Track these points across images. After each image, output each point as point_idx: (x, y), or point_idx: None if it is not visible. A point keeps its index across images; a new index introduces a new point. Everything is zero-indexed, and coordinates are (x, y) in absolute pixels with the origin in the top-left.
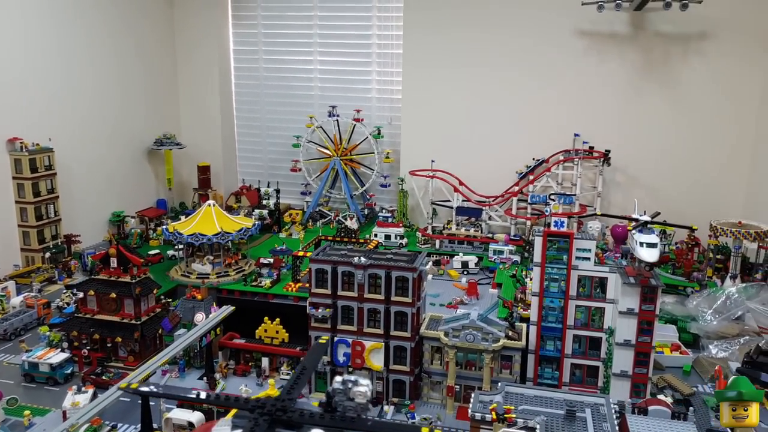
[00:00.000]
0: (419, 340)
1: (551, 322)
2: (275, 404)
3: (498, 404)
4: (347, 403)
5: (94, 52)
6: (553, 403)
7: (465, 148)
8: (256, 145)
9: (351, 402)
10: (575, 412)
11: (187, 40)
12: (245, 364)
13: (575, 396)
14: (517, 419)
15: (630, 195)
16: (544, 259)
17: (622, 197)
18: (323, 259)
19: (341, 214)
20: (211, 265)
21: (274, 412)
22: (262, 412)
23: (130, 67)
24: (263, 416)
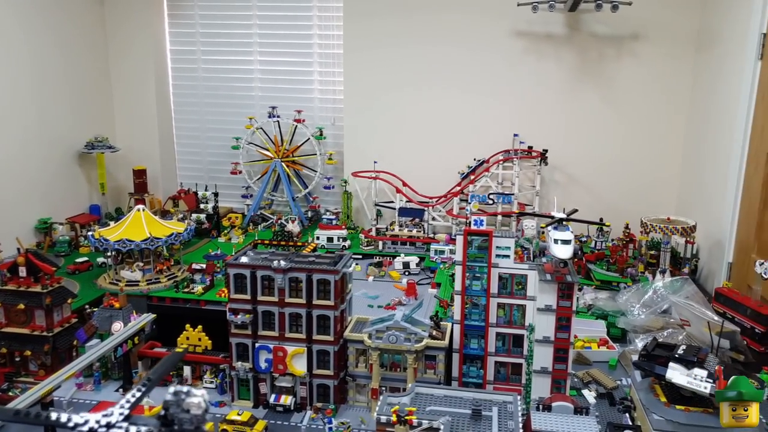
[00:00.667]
0: (343, 344)
1: (475, 321)
2: (99, 421)
3: (401, 406)
4: (182, 415)
5: (12, 49)
6: (462, 403)
7: (408, 149)
8: (196, 147)
9: (187, 414)
10: (481, 411)
11: (120, 39)
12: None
13: (485, 395)
14: (420, 420)
15: (568, 193)
16: (465, 257)
17: (561, 195)
18: (241, 264)
19: (283, 217)
20: (141, 272)
21: (95, 430)
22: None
23: (56, 66)
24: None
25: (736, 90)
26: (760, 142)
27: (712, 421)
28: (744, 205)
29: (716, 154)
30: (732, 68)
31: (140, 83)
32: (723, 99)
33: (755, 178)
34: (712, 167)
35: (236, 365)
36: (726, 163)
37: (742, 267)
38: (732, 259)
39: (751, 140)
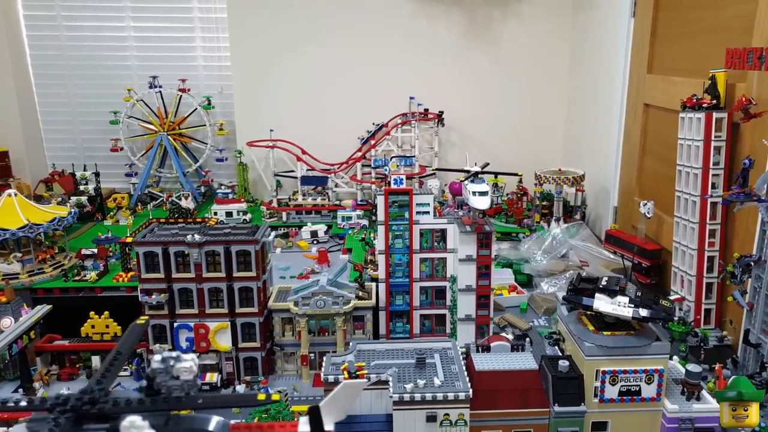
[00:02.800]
0: (268, 314)
1: (399, 278)
2: (80, 398)
3: (350, 363)
4: (171, 382)
5: None
6: (404, 354)
7: (304, 117)
8: (67, 125)
9: (176, 381)
10: (425, 359)
11: None
12: (72, 366)
13: (424, 344)
14: (369, 375)
15: (463, 152)
16: (387, 216)
17: (457, 155)
18: (151, 241)
19: (174, 195)
20: (20, 263)
21: (79, 407)
22: (63, 410)
23: None
24: (65, 414)
25: (612, 45)
26: (637, 95)
27: (634, 341)
28: (625, 153)
29: (598, 107)
30: (608, 25)
31: None
32: (601, 55)
33: (634, 127)
34: (595, 119)
35: (153, 348)
36: (607, 115)
37: (626, 210)
38: (617, 203)
39: (628, 93)
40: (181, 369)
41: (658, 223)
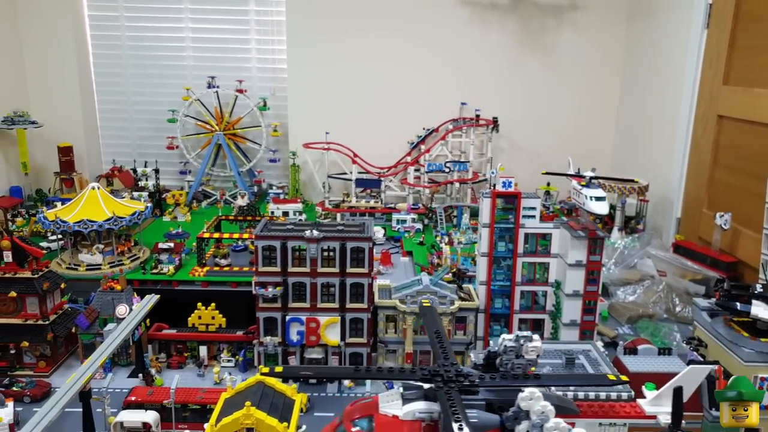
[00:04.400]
0: (374, 311)
1: (500, 281)
2: (449, 370)
3: None
4: (516, 360)
5: None
6: (549, 354)
7: (356, 120)
8: (122, 122)
9: (520, 360)
10: (574, 359)
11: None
12: (179, 355)
13: (566, 345)
14: None
15: (514, 160)
16: (494, 218)
17: (506, 161)
18: (270, 235)
19: (228, 193)
20: (101, 255)
21: (454, 378)
22: (444, 379)
23: None
24: (448, 384)
25: (680, 56)
26: (708, 106)
27: None
28: (693, 164)
29: (661, 118)
30: (673, 36)
31: (57, 52)
32: (665, 65)
33: (704, 138)
34: (656, 130)
35: (264, 340)
36: (672, 126)
37: (692, 221)
38: (680, 213)
39: (698, 104)
40: (530, 348)
41: (734, 236)
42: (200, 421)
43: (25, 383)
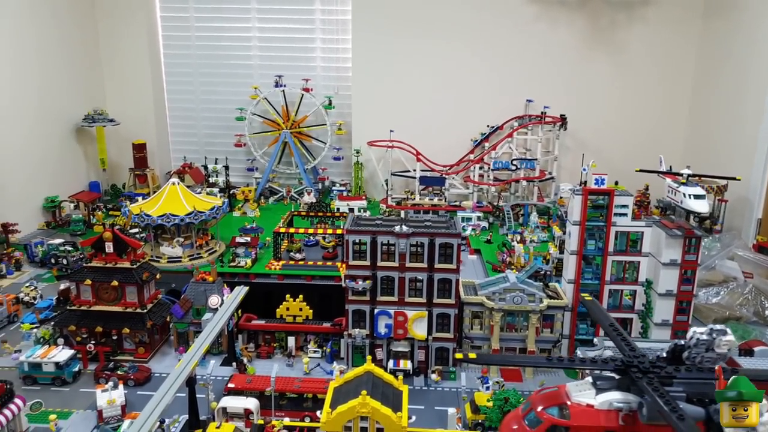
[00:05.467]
0: (460, 307)
1: (588, 279)
2: (642, 361)
3: None
4: (706, 354)
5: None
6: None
7: (418, 118)
8: (191, 120)
9: (710, 353)
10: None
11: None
12: (267, 345)
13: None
14: None
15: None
16: (585, 217)
17: (571, 160)
18: (360, 230)
19: (294, 190)
20: (181, 248)
21: (650, 369)
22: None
23: (48, 38)
24: (647, 374)
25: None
26: None
27: None
28: None
29: (741, 117)
30: (757, 32)
31: (131, 50)
32: (744, 62)
33: None
34: (736, 129)
35: (353, 332)
36: (754, 125)
37: None
38: (761, 214)
39: None
40: (723, 342)
41: None
42: (297, 409)
43: (128, 368)
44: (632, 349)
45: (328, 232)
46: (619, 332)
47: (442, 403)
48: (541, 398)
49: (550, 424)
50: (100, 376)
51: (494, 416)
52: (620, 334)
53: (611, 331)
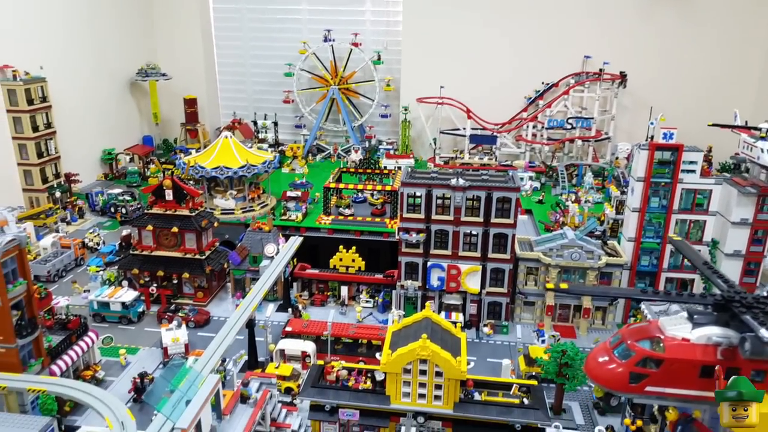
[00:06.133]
0: (515, 262)
1: (649, 238)
2: (745, 296)
3: None
4: None
5: None
6: None
7: (470, 75)
8: (240, 75)
9: None
10: None
11: None
12: (320, 293)
13: None
14: None
15: (639, 118)
16: (650, 173)
17: (628, 121)
18: (416, 183)
19: (341, 148)
20: (234, 200)
21: (754, 303)
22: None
23: None
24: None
25: None
26: None
27: None
28: None
29: None
30: None
31: (182, 6)
32: None
33: None
34: None
35: (405, 284)
36: None
37: None
38: None
39: None
40: None
41: None
42: (351, 354)
43: (189, 310)
44: (731, 286)
45: (377, 188)
46: (715, 270)
47: (494, 356)
48: (632, 332)
49: (643, 356)
50: (163, 317)
51: (551, 368)
52: (716, 272)
53: (706, 269)
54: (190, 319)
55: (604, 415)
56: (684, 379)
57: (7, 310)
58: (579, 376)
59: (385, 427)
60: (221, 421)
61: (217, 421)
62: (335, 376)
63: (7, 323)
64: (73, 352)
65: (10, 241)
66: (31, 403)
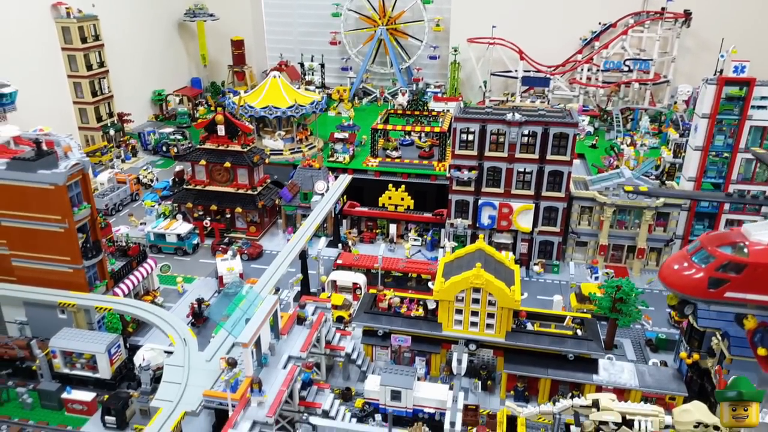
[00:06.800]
0: (569, 201)
1: (710, 178)
2: None
3: None
4: None
5: None
6: None
7: (523, 14)
8: (287, 17)
9: None
10: None
11: None
12: (369, 231)
13: None
14: None
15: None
16: (717, 109)
17: (692, 62)
18: (471, 118)
19: (387, 91)
20: (282, 141)
21: None
22: None
23: None
24: None
25: None
26: None
27: None
28: None
29: None
30: None
31: None
32: None
33: None
34: None
35: (455, 222)
36: None
37: None
38: None
39: None
40: None
41: None
42: (401, 288)
43: (242, 243)
44: None
45: (425, 130)
46: None
47: (544, 293)
48: (713, 238)
49: (725, 261)
50: (217, 249)
51: (604, 303)
52: None
53: None
54: (243, 252)
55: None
56: (766, 285)
57: (74, 232)
58: (633, 312)
59: (436, 353)
60: (279, 341)
61: (275, 340)
62: (387, 303)
63: (74, 245)
64: (134, 277)
65: (74, 165)
66: (97, 323)
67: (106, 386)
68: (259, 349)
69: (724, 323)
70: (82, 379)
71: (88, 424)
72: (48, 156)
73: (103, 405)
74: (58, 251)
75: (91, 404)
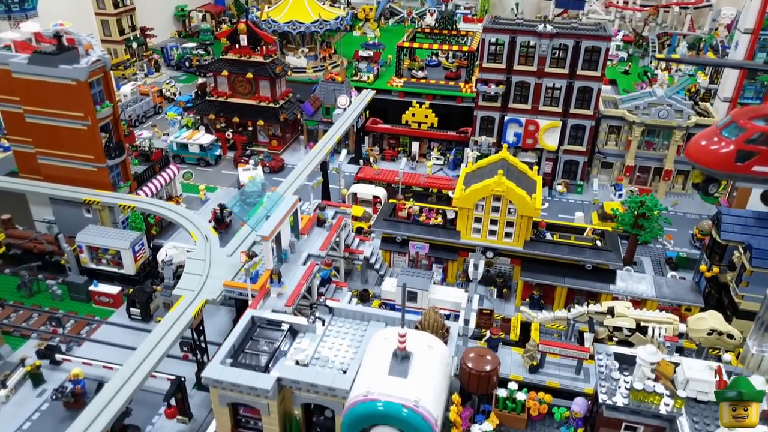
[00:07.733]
0: (597, 120)
1: (748, 98)
2: None
3: None
4: None
5: None
6: None
7: None
8: None
9: None
10: None
11: None
12: (391, 149)
13: None
14: None
15: None
16: (760, 24)
17: None
18: (501, 29)
19: (415, 11)
20: (305, 59)
21: None
22: None
23: None
24: None
25: None
26: None
27: None
28: None
29: None
30: None
31: None
32: None
33: None
34: None
35: (479, 139)
36: None
37: None
38: None
39: None
40: None
41: None
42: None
43: (264, 156)
44: None
45: (453, 49)
46: None
47: (565, 212)
48: (745, 111)
49: (755, 132)
50: (239, 160)
51: (627, 218)
52: None
53: None
54: (265, 164)
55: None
56: None
57: (97, 130)
58: (655, 228)
59: (453, 261)
60: (299, 240)
61: (295, 239)
62: (407, 212)
63: (97, 143)
64: (157, 181)
65: (95, 61)
66: (122, 223)
67: (131, 282)
68: (279, 245)
69: (748, 237)
70: (108, 275)
71: (114, 315)
72: (69, 51)
73: (128, 298)
74: (81, 149)
75: (117, 297)
